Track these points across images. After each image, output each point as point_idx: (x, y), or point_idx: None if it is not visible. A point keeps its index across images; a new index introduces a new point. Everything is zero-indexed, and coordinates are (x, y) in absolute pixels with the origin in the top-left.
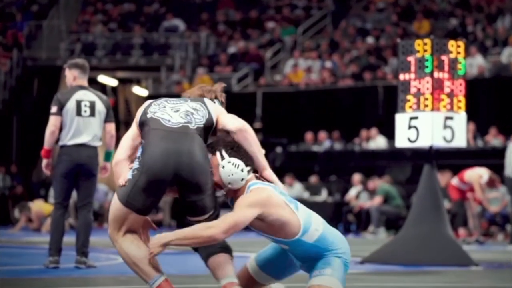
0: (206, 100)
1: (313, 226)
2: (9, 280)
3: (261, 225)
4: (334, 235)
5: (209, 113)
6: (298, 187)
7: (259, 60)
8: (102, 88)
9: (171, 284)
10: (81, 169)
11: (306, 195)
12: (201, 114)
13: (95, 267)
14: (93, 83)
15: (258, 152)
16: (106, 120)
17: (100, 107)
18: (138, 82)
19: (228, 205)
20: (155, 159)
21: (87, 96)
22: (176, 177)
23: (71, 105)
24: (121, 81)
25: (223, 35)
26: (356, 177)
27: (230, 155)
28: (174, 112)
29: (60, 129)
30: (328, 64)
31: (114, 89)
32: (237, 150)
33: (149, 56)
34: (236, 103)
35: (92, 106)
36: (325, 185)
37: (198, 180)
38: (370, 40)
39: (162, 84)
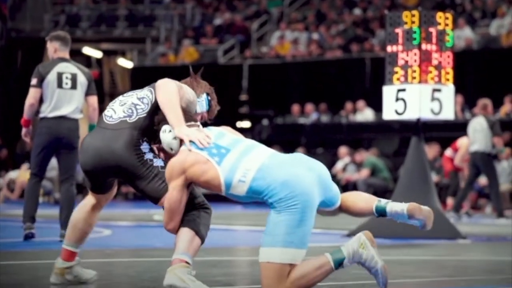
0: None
1: (236, 177)
2: None
3: (200, 185)
4: (274, 177)
5: (154, 96)
6: None
7: (245, 32)
8: (87, 60)
9: None
10: (61, 142)
11: None
12: (146, 101)
13: None
14: (78, 55)
15: (167, 108)
16: (88, 93)
17: (82, 80)
18: (123, 54)
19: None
20: (83, 155)
21: (69, 68)
22: (107, 169)
23: (52, 77)
24: (106, 53)
25: (209, 7)
26: (343, 149)
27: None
28: (120, 106)
29: (41, 102)
30: (315, 36)
31: (99, 61)
32: None
33: (134, 27)
34: (222, 75)
35: (74, 79)
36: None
37: (126, 170)
38: (357, 11)
39: (147, 56)
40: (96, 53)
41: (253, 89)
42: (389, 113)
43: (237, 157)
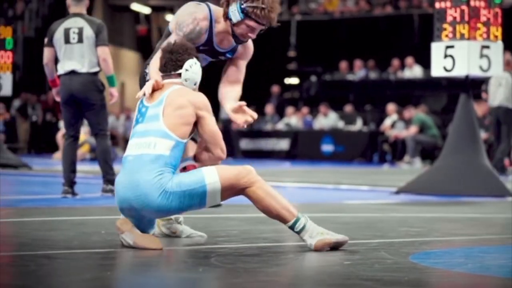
0: None
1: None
2: (31, 209)
3: None
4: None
5: None
6: (333, 116)
7: None
8: (135, 16)
9: None
10: (75, 97)
11: (341, 124)
12: None
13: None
14: (126, 11)
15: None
16: (97, 44)
17: (89, 33)
18: (171, 10)
19: None
20: None
21: (77, 23)
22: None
23: (59, 34)
24: (154, 9)
25: None
26: (391, 106)
27: None
28: None
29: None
30: None
31: (147, 17)
32: None
33: None
34: (270, 32)
35: (80, 32)
36: (360, 114)
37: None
38: None
39: None
40: (144, 9)
41: (301, 45)
42: (437, 70)
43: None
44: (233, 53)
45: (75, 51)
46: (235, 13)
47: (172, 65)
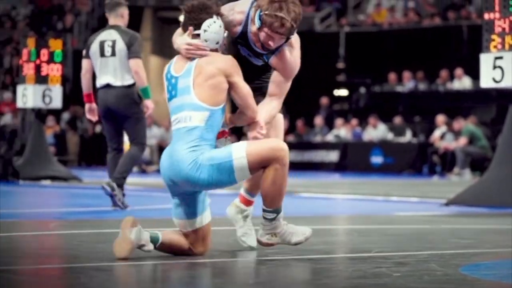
0: None
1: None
2: (81, 221)
3: None
4: None
5: None
6: (382, 128)
7: (341, 0)
8: None
9: None
10: (111, 111)
11: (390, 136)
12: None
13: (126, 208)
14: (175, 23)
15: None
16: (129, 57)
17: (120, 45)
18: None
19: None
20: None
21: (111, 35)
22: None
23: (95, 47)
24: None
25: None
26: (441, 117)
27: None
28: None
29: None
30: (411, 3)
31: None
32: None
33: None
34: (319, 43)
35: (113, 45)
36: (409, 126)
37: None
38: None
39: None
40: None
41: (350, 57)
42: (486, 81)
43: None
44: (268, 57)
45: (109, 64)
46: (256, 19)
47: (190, 25)
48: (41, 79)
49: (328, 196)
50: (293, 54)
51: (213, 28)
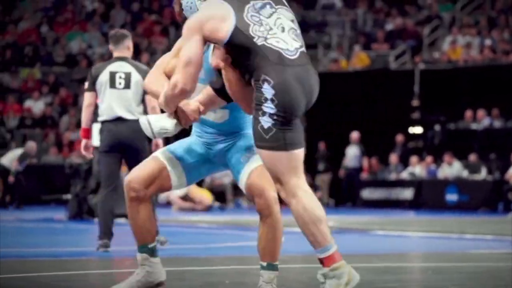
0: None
1: None
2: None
3: None
4: None
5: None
6: (457, 165)
7: (416, 37)
8: None
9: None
10: (124, 144)
11: (465, 173)
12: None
13: (165, 243)
14: None
15: None
16: (146, 91)
17: (137, 78)
18: None
19: None
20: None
21: (122, 67)
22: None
23: (104, 77)
24: None
25: (380, 12)
26: None
27: None
28: (285, 33)
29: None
30: (488, 41)
31: None
32: None
33: (306, 33)
34: (393, 81)
35: (128, 78)
36: (485, 163)
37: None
38: None
39: (319, 62)
40: None
41: (424, 94)
42: None
43: None
44: None
45: (122, 97)
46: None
47: None
48: None
49: (402, 234)
50: None
51: None
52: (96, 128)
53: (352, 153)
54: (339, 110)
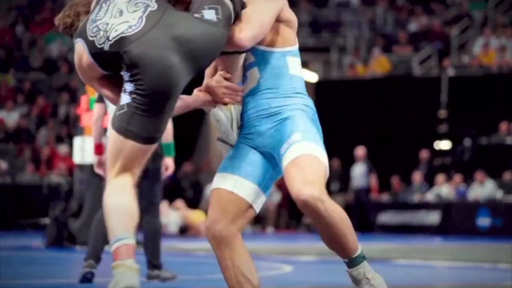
0: None
1: None
2: None
3: None
4: None
5: None
6: (490, 185)
7: (444, 39)
8: None
9: None
10: None
11: (499, 194)
12: None
13: (174, 278)
14: None
15: None
16: None
17: None
18: (305, 64)
19: None
20: None
21: None
22: None
23: None
24: None
25: (402, 10)
26: None
27: None
28: None
29: None
30: None
31: None
32: None
33: (318, 35)
34: (417, 89)
35: None
36: None
37: None
38: None
39: (333, 67)
40: None
41: (453, 104)
42: None
43: None
44: None
45: None
46: None
47: None
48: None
49: (428, 264)
50: None
51: None
52: (77, 143)
53: (358, 171)
54: (354, 123)
